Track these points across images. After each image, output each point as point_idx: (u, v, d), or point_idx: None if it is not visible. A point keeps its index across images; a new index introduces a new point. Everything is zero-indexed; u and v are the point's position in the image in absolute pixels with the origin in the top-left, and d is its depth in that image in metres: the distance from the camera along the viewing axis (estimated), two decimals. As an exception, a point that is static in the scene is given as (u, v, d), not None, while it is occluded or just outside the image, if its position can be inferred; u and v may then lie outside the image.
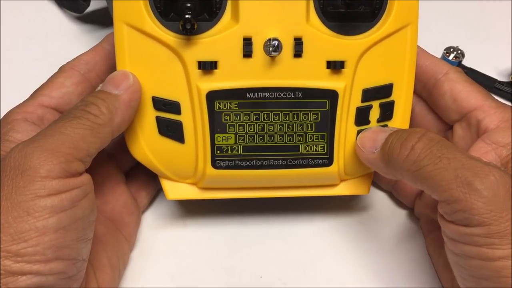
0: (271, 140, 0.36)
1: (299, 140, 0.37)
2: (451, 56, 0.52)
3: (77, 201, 0.30)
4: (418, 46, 0.38)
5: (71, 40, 0.54)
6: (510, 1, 0.60)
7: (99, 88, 0.35)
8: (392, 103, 0.38)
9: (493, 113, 0.36)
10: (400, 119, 0.38)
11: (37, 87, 0.37)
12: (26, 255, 0.28)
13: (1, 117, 0.35)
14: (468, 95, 0.37)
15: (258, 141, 0.36)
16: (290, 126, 0.36)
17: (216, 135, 0.36)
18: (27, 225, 0.28)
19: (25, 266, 0.28)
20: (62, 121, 0.31)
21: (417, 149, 0.32)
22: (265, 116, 0.36)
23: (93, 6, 0.54)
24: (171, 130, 0.36)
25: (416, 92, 0.39)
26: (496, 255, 0.29)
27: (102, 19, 0.56)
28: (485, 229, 0.29)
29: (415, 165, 0.32)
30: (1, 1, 0.56)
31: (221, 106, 0.35)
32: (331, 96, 0.36)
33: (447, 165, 0.31)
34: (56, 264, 0.29)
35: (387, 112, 0.38)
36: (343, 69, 0.36)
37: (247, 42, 0.35)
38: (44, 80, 0.37)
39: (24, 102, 0.36)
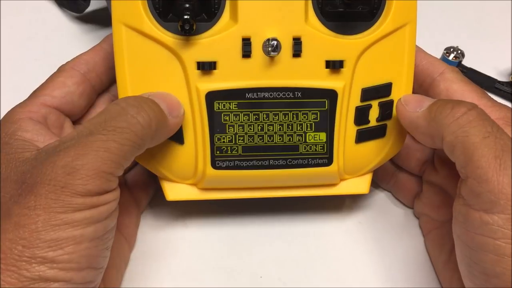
0: (271, 140, 0.36)
1: (299, 140, 0.37)
2: (451, 56, 0.52)
3: (112, 212, 0.30)
4: (416, 46, 0.38)
5: (71, 40, 0.54)
6: (510, 1, 0.60)
7: (148, 96, 0.34)
8: (391, 103, 0.38)
9: (489, 112, 0.36)
10: (400, 119, 0.38)
11: (37, 87, 0.37)
12: (62, 262, 0.28)
13: (1, 116, 0.35)
14: (463, 95, 0.37)
15: (258, 141, 0.36)
16: (290, 126, 0.36)
17: (216, 136, 0.36)
18: (65, 233, 0.28)
19: (59, 273, 0.28)
20: (107, 133, 0.30)
21: (470, 115, 0.31)
22: (265, 116, 0.36)
23: (93, 6, 0.55)
24: (171, 130, 0.36)
25: (413, 92, 0.39)
26: None
27: (102, 19, 0.56)
28: (506, 219, 0.29)
29: (461, 130, 0.31)
30: (1, 1, 0.56)
31: (220, 107, 0.35)
32: (330, 95, 0.36)
33: (492, 144, 0.30)
34: (87, 272, 0.29)
35: (386, 111, 0.38)
36: (342, 69, 0.36)
37: (246, 42, 0.35)
38: (44, 80, 0.37)
39: (26, 101, 0.35)
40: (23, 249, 0.27)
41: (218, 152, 0.36)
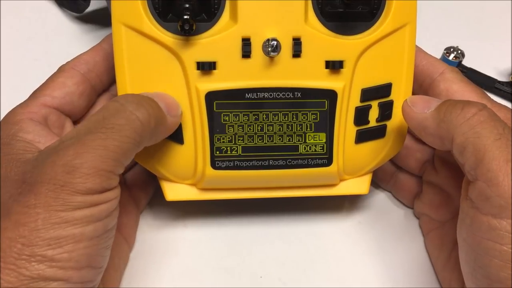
0: (271, 141, 0.36)
1: (299, 140, 0.37)
2: (451, 56, 0.52)
3: (112, 211, 0.30)
4: (416, 46, 0.38)
5: (71, 40, 0.54)
6: (510, 1, 0.60)
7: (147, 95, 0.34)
8: (391, 103, 0.38)
9: None
10: (400, 119, 0.38)
11: (37, 87, 0.37)
12: (61, 261, 0.28)
13: (2, 117, 0.35)
14: (463, 95, 0.37)
15: (258, 142, 0.36)
16: (289, 126, 0.36)
17: (216, 136, 0.36)
18: (64, 232, 0.28)
19: (58, 272, 0.28)
20: (106, 131, 0.30)
21: (481, 116, 0.31)
22: (264, 116, 0.36)
23: (93, 6, 0.55)
24: (170, 131, 0.36)
25: (412, 92, 0.39)
26: None
27: (102, 19, 0.56)
28: None
29: (473, 131, 0.30)
30: (1, 1, 0.56)
31: (220, 107, 0.35)
32: (330, 96, 0.36)
33: (504, 146, 0.29)
34: (86, 272, 0.29)
35: (386, 112, 0.38)
36: (342, 69, 0.36)
37: (246, 43, 0.35)
38: (44, 80, 0.37)
39: (26, 102, 0.35)
40: (22, 247, 0.27)
41: (217, 152, 0.36)
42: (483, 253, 0.30)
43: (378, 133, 0.38)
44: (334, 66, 0.36)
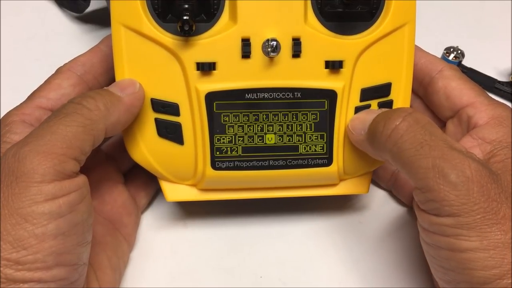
0: (271, 141, 0.36)
1: (299, 140, 0.37)
2: (451, 56, 0.52)
3: (75, 205, 0.30)
4: (415, 44, 0.38)
5: (71, 40, 0.54)
6: (510, 1, 0.60)
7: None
8: (390, 102, 0.38)
9: (484, 110, 0.36)
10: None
11: (37, 87, 0.37)
12: (27, 263, 0.27)
13: (0, 118, 0.35)
14: (460, 92, 0.37)
15: (258, 142, 0.36)
16: (289, 127, 0.36)
17: (216, 136, 0.36)
18: (26, 232, 0.28)
19: (27, 274, 0.27)
20: (54, 119, 0.31)
21: (400, 130, 0.32)
22: (264, 116, 0.36)
23: (93, 6, 0.55)
24: (170, 131, 0.36)
25: (412, 90, 0.39)
26: (463, 247, 0.29)
27: (102, 19, 0.56)
28: (454, 220, 0.29)
29: (396, 146, 0.32)
30: (1, 1, 0.56)
31: (220, 107, 0.35)
32: (330, 96, 0.36)
33: (427, 153, 0.30)
34: (58, 270, 0.29)
35: (386, 112, 0.38)
36: (341, 69, 0.36)
37: (246, 43, 0.35)
38: (43, 81, 0.37)
39: (22, 104, 0.36)
40: None
41: (218, 152, 0.36)
42: (433, 244, 0.31)
43: (377, 133, 0.38)
44: (334, 66, 0.36)
